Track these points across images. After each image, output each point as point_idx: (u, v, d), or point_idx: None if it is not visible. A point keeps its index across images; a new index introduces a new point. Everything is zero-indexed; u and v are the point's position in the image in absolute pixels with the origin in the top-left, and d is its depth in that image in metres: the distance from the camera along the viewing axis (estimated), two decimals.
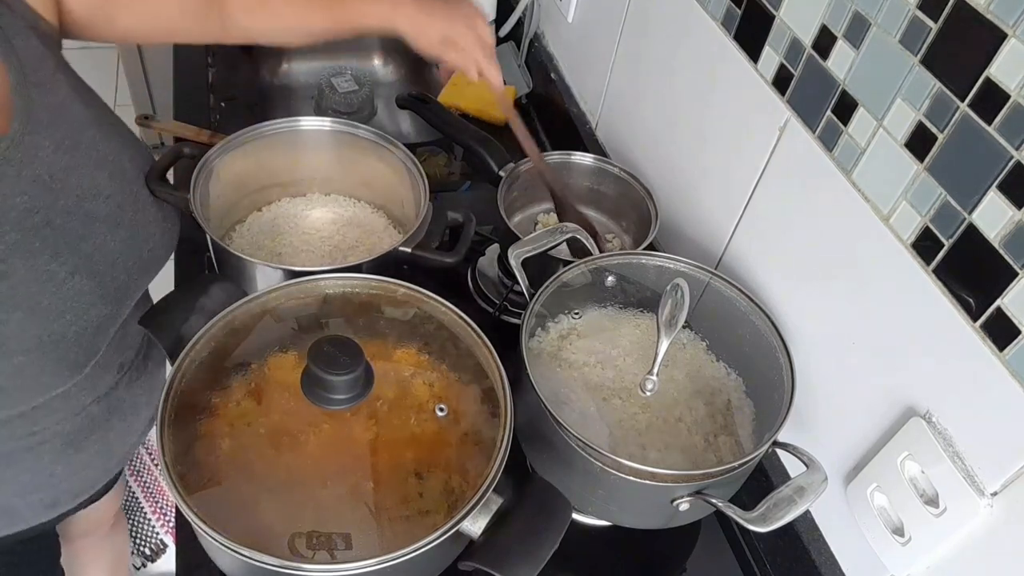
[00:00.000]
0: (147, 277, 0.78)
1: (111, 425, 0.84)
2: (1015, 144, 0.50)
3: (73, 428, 0.79)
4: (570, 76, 1.25)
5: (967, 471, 0.57)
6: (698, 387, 0.79)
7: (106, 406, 0.82)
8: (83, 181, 0.68)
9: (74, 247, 0.68)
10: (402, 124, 1.42)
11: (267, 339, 0.69)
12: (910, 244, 0.60)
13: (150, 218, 0.77)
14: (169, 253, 0.81)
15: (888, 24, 0.59)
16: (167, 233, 0.80)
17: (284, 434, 0.62)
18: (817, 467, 0.65)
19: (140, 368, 0.87)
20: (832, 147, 0.66)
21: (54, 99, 0.67)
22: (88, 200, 0.69)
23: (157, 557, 1.57)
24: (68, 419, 0.78)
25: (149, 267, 0.78)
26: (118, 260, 0.72)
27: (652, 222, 0.90)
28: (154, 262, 0.78)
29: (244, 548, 0.54)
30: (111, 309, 0.72)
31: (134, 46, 2.23)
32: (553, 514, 0.58)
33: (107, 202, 0.71)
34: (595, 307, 0.84)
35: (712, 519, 0.82)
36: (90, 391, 0.79)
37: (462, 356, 0.69)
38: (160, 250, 0.79)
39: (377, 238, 0.96)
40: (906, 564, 0.62)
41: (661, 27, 0.94)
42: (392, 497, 0.60)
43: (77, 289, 0.68)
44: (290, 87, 1.47)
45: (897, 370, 0.63)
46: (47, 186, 0.65)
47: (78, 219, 0.68)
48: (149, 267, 0.78)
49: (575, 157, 0.99)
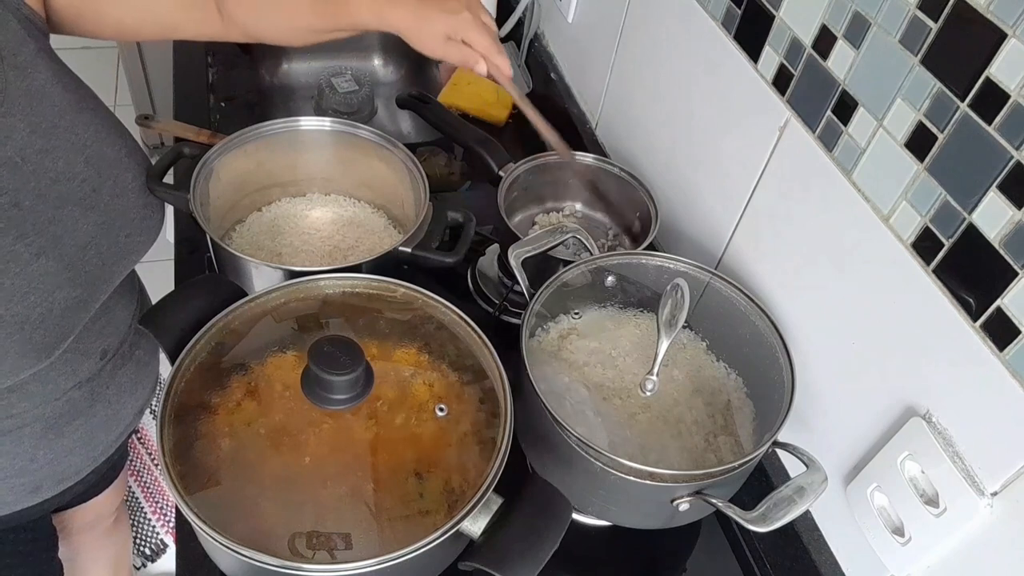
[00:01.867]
0: (124, 263, 0.78)
1: (94, 412, 0.84)
2: (1015, 144, 0.50)
3: (54, 413, 0.79)
4: (570, 76, 1.25)
5: (967, 471, 0.57)
6: (698, 387, 0.79)
7: (89, 392, 0.82)
8: (58, 164, 0.69)
9: (42, 229, 0.68)
10: (402, 124, 1.42)
11: (267, 339, 0.69)
12: (910, 244, 0.60)
13: (129, 204, 0.76)
14: (151, 240, 0.81)
15: (888, 24, 0.59)
16: (148, 220, 0.79)
17: (284, 434, 0.62)
18: (817, 467, 0.65)
19: (126, 356, 0.87)
20: (832, 147, 0.66)
21: (32, 83, 0.67)
22: (62, 183, 0.69)
23: (157, 557, 1.57)
24: (47, 403, 0.78)
25: (126, 253, 0.77)
26: (90, 244, 0.72)
27: (652, 222, 0.90)
28: (132, 248, 0.78)
29: (244, 548, 0.54)
30: (80, 292, 0.72)
31: (134, 46, 2.24)
32: (553, 514, 0.58)
33: (82, 185, 0.71)
34: (595, 307, 0.84)
35: (712, 519, 0.82)
36: (70, 376, 0.78)
37: (462, 356, 0.69)
38: (139, 236, 0.78)
39: (377, 238, 0.96)
40: (906, 564, 0.62)
41: (661, 27, 0.94)
42: (392, 497, 0.60)
43: (42, 271, 0.68)
44: (290, 87, 1.47)
45: (897, 370, 0.63)
46: (18, 168, 0.66)
47: (49, 202, 0.68)
48: (126, 253, 0.77)
49: (575, 157, 0.99)
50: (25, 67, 0.67)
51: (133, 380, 0.89)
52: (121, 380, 0.86)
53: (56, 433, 0.80)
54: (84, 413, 0.82)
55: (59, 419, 0.80)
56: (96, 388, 0.83)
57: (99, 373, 0.82)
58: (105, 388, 0.84)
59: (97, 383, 0.83)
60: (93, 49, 2.95)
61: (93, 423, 0.84)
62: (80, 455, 0.85)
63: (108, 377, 0.84)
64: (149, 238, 0.80)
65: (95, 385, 0.82)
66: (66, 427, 0.81)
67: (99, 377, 0.83)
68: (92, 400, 0.83)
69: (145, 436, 1.56)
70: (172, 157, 0.88)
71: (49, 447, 0.81)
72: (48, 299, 0.69)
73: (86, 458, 0.87)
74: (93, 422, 0.84)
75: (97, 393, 0.83)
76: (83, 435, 0.84)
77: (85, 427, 0.84)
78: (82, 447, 0.85)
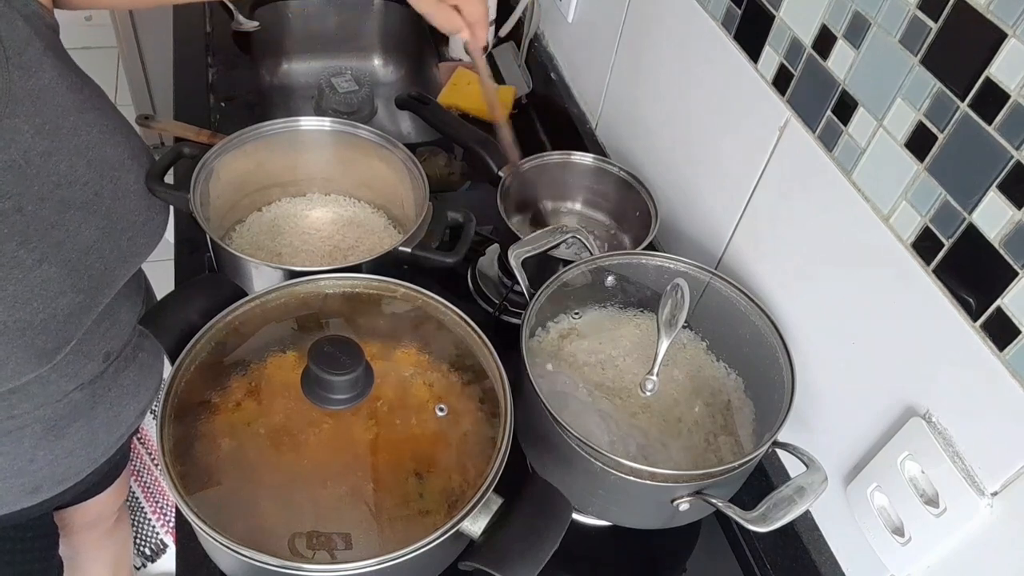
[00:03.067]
0: (127, 266, 0.77)
1: (96, 414, 0.83)
2: (1015, 144, 0.50)
3: (55, 414, 0.78)
4: (570, 76, 1.25)
5: (967, 471, 0.57)
6: (698, 387, 0.79)
7: (90, 394, 0.81)
8: (60, 167, 0.68)
9: (44, 234, 0.67)
10: (402, 124, 1.42)
11: (267, 339, 0.69)
12: (910, 244, 0.60)
13: (131, 207, 0.75)
14: (154, 243, 0.80)
15: (888, 24, 0.59)
16: (151, 222, 0.78)
17: (284, 434, 0.62)
18: (817, 467, 0.65)
19: (129, 358, 0.86)
20: (832, 147, 0.66)
21: (37, 83, 0.66)
22: (64, 187, 0.68)
23: (157, 557, 1.57)
24: (49, 405, 0.77)
25: (129, 256, 0.76)
26: (92, 248, 0.71)
27: (652, 222, 0.90)
28: (135, 251, 0.77)
29: (244, 548, 0.54)
30: (83, 298, 0.72)
31: (134, 46, 2.24)
32: (553, 514, 0.58)
33: (84, 189, 0.70)
34: (595, 307, 0.84)
35: (712, 519, 0.82)
36: (72, 378, 0.78)
37: (462, 356, 0.69)
38: (142, 239, 0.77)
39: (377, 238, 0.96)
40: (906, 564, 0.62)
41: (661, 27, 0.94)
42: (392, 497, 0.60)
43: (45, 277, 0.67)
44: (290, 87, 1.48)
45: (897, 370, 0.63)
46: (22, 172, 0.65)
47: (51, 206, 0.67)
48: (129, 256, 0.76)
49: (575, 157, 0.99)
50: (30, 66, 0.66)
51: (136, 382, 0.89)
52: (124, 382, 0.86)
53: (56, 434, 0.80)
54: (85, 415, 0.82)
55: (60, 420, 0.80)
56: (98, 390, 0.82)
57: (101, 375, 0.82)
58: (107, 390, 0.84)
59: (99, 385, 0.82)
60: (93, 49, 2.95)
61: (94, 424, 0.84)
62: (81, 456, 0.85)
63: (111, 379, 0.84)
64: (152, 240, 0.80)
65: (97, 387, 0.82)
66: (67, 429, 0.81)
67: (101, 379, 0.82)
68: (94, 402, 0.83)
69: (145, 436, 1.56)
70: (172, 157, 0.88)
71: (49, 448, 0.80)
72: (51, 305, 0.69)
73: (87, 459, 0.86)
74: (94, 424, 0.84)
75: (99, 395, 0.83)
76: (84, 436, 0.84)
77: (86, 429, 0.83)
78: (83, 448, 0.85)
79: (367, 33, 1.51)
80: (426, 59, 1.46)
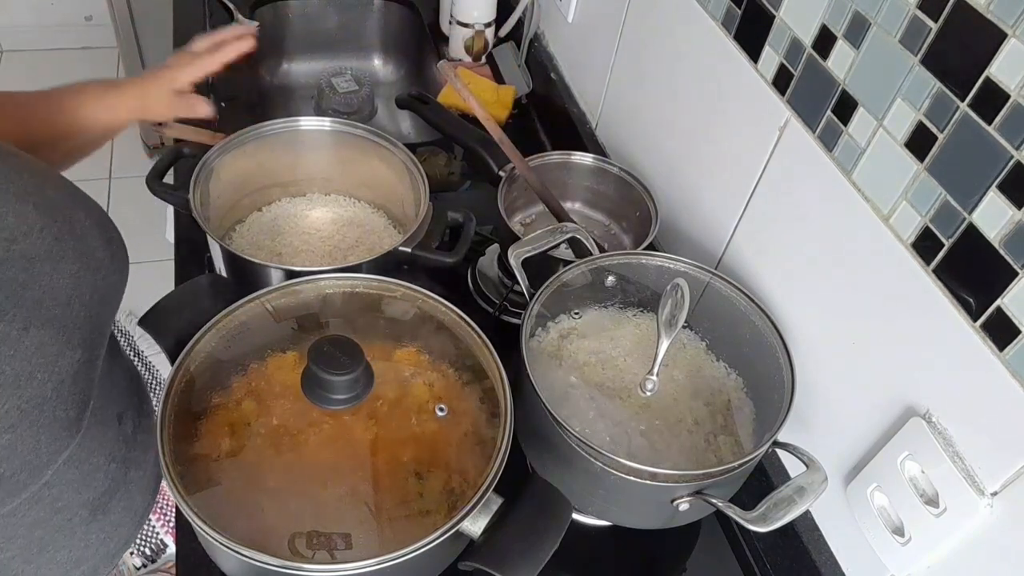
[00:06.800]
0: (109, 307, 0.70)
1: (130, 478, 0.81)
2: (1015, 144, 0.50)
3: (95, 493, 0.75)
4: (570, 76, 1.25)
5: (967, 471, 0.57)
6: (698, 387, 0.79)
7: (121, 461, 0.79)
8: (8, 221, 0.60)
9: (18, 298, 0.59)
10: (402, 124, 1.42)
11: (267, 339, 0.69)
12: (910, 244, 0.60)
13: (95, 243, 0.68)
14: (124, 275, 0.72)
15: (888, 24, 0.59)
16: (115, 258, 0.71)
17: (284, 434, 0.62)
18: (817, 467, 0.65)
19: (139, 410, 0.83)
20: (832, 147, 0.66)
21: None
22: (20, 240, 0.60)
23: (157, 557, 1.57)
24: (87, 485, 0.74)
25: (107, 296, 0.69)
26: (72, 297, 0.64)
27: (652, 222, 0.90)
28: (111, 289, 0.70)
29: (244, 548, 0.54)
30: (82, 352, 0.65)
31: (135, 46, 2.24)
32: (553, 514, 0.58)
33: (42, 236, 0.62)
34: (595, 307, 0.84)
35: (712, 519, 0.82)
36: (97, 451, 0.74)
37: (462, 356, 0.69)
38: (112, 276, 0.70)
39: (377, 238, 0.96)
40: (906, 564, 0.62)
41: (661, 27, 0.94)
42: (392, 497, 0.60)
43: (37, 343, 0.60)
44: (290, 87, 1.48)
45: (897, 370, 0.63)
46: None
47: (15, 265, 0.60)
48: (107, 296, 0.69)
49: (575, 157, 0.99)
50: None
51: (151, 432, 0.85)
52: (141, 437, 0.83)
53: (103, 512, 0.78)
54: (122, 483, 0.79)
55: (101, 497, 0.77)
56: (128, 454, 0.80)
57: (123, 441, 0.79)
58: (131, 450, 0.81)
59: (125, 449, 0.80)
60: (93, 49, 2.96)
61: (132, 489, 0.82)
62: (127, 525, 0.83)
63: (131, 439, 0.81)
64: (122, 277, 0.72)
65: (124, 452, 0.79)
66: (110, 502, 0.78)
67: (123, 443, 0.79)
68: (126, 468, 0.80)
69: None
70: (172, 157, 0.88)
71: (99, 528, 0.78)
72: (54, 371, 0.62)
73: (132, 526, 0.84)
74: (132, 488, 0.82)
75: (129, 460, 0.80)
76: (126, 504, 0.81)
77: (126, 496, 0.81)
78: (127, 516, 0.82)
79: (367, 33, 1.51)
80: (426, 59, 1.46)
